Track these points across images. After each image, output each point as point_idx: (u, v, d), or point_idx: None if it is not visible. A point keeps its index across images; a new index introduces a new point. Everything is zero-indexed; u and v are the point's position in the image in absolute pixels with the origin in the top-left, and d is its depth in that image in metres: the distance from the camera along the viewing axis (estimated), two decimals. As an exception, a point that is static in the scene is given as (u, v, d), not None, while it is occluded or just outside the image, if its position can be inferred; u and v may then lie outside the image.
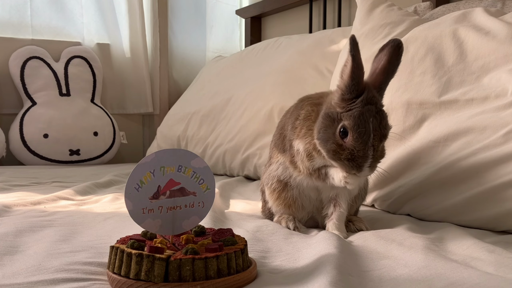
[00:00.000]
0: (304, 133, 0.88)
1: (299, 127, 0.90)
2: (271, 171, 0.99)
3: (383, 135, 0.81)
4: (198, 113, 2.14)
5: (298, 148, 0.89)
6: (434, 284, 0.61)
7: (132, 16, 2.63)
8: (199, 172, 0.68)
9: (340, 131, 0.80)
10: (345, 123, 0.79)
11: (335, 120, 0.81)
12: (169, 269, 0.58)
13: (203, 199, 0.69)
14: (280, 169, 0.96)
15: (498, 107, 1.01)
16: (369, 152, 0.79)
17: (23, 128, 2.31)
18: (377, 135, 0.80)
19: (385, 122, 0.82)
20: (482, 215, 0.94)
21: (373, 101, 0.81)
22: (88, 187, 1.46)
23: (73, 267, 0.67)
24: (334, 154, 0.81)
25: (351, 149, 0.79)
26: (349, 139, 0.79)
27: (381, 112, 0.81)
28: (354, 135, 0.78)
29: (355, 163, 0.79)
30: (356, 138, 0.78)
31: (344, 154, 0.80)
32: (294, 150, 0.91)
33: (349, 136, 0.79)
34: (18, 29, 2.44)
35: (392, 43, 0.83)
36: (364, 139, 0.78)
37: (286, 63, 1.88)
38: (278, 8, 2.52)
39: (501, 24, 1.12)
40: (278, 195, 0.97)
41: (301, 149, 0.88)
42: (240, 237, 0.70)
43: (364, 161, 0.79)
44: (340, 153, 0.80)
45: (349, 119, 0.79)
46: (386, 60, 0.83)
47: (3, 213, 1.06)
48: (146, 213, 0.65)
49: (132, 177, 0.65)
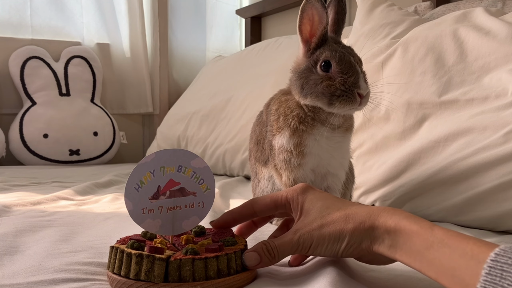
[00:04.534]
0: (283, 119, 0.86)
1: (275, 121, 0.88)
2: (262, 188, 0.97)
3: (359, 58, 0.84)
4: (198, 113, 2.14)
5: (281, 142, 0.86)
6: (434, 283, 0.60)
7: (132, 16, 2.63)
8: (199, 172, 0.68)
9: (322, 66, 0.81)
10: (323, 56, 0.81)
11: (312, 68, 0.82)
12: (169, 269, 0.58)
13: (203, 199, 0.69)
14: (269, 187, 0.95)
15: (498, 107, 1.00)
16: (357, 67, 0.80)
17: (23, 128, 2.31)
18: (356, 56, 0.83)
19: (355, 52, 0.85)
20: (482, 215, 0.94)
21: (337, 40, 0.85)
22: (88, 187, 1.46)
23: (73, 267, 0.67)
24: (328, 88, 0.79)
25: (340, 73, 0.79)
26: (334, 67, 0.80)
27: (348, 46, 0.85)
28: (337, 59, 0.80)
29: (350, 83, 0.79)
30: (340, 60, 0.80)
31: (337, 81, 0.79)
32: (274, 151, 0.89)
33: (333, 64, 0.80)
34: (18, 29, 2.44)
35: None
36: (347, 59, 0.80)
37: (287, 63, 1.87)
38: (278, 8, 2.52)
39: (502, 24, 1.12)
40: None
41: (285, 140, 0.86)
42: (240, 238, 0.70)
43: (357, 76, 0.80)
44: (333, 84, 0.79)
45: (325, 52, 0.81)
46: (334, 12, 0.88)
47: (3, 213, 1.06)
48: (146, 213, 0.65)
49: (132, 177, 0.65)
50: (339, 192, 0.93)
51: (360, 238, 0.55)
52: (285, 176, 0.88)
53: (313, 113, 0.85)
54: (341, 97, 0.79)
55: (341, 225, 0.56)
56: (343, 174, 0.93)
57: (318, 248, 0.58)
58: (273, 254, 0.60)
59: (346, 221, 0.56)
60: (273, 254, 0.60)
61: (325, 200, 0.61)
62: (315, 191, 0.64)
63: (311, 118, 0.85)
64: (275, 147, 0.88)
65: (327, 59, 0.80)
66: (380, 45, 1.36)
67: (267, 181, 0.96)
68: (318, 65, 0.81)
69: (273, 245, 0.60)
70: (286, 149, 0.86)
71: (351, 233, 0.56)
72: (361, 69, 0.82)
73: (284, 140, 0.86)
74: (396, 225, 0.52)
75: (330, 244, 0.57)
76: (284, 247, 0.60)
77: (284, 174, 0.88)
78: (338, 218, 0.57)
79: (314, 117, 0.85)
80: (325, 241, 0.57)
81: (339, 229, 0.57)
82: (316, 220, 0.59)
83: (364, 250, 0.56)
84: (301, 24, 0.83)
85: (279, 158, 0.88)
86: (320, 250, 0.58)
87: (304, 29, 0.83)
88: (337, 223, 0.57)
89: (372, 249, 0.55)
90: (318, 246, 0.58)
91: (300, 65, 0.85)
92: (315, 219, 0.59)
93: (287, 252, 0.60)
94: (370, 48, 1.37)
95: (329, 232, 0.57)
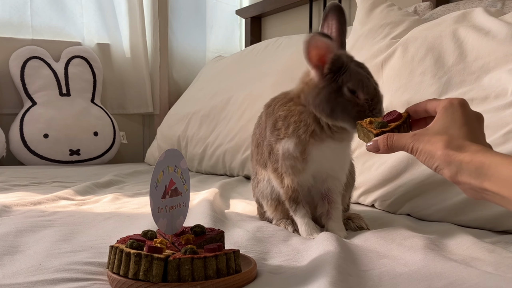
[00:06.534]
0: (293, 128, 0.87)
1: (283, 128, 0.89)
2: (262, 189, 0.99)
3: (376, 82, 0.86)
4: (198, 113, 2.14)
5: (287, 147, 0.88)
6: (434, 283, 0.61)
7: (132, 16, 2.63)
8: (184, 173, 0.70)
9: (349, 92, 0.82)
10: (350, 85, 0.82)
11: (337, 92, 0.83)
12: (168, 269, 0.58)
13: (185, 200, 0.71)
14: (269, 189, 0.97)
15: (498, 107, 1.01)
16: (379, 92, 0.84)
17: (23, 128, 2.31)
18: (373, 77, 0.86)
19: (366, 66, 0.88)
20: (482, 215, 0.94)
21: (349, 57, 0.86)
22: (88, 187, 1.46)
23: (73, 267, 0.67)
24: (359, 114, 0.82)
25: (367, 100, 0.82)
26: (360, 94, 0.82)
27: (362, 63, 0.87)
28: (363, 88, 0.82)
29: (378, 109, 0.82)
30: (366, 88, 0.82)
31: (366, 110, 0.82)
32: (277, 155, 0.90)
33: (359, 92, 0.82)
34: (18, 29, 2.44)
35: (333, 8, 0.88)
36: (371, 85, 0.83)
37: (286, 63, 1.88)
38: (278, 8, 2.52)
39: (501, 24, 1.12)
40: (275, 208, 0.98)
41: (292, 146, 0.87)
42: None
43: (379, 100, 0.83)
44: (362, 110, 0.82)
45: (350, 81, 0.82)
46: (336, 22, 0.88)
47: (3, 213, 1.06)
48: (159, 212, 0.66)
49: (153, 176, 0.65)
50: (340, 194, 0.93)
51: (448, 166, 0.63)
52: (289, 179, 0.90)
53: (330, 131, 0.86)
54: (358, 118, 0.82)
55: (436, 148, 0.65)
56: (344, 177, 0.94)
57: (419, 158, 0.67)
58: (389, 146, 0.71)
59: (440, 147, 0.64)
60: (389, 145, 0.71)
61: (453, 122, 0.67)
62: (462, 110, 0.69)
63: (325, 135, 0.87)
64: (279, 151, 0.89)
65: (353, 88, 0.82)
66: (380, 45, 1.36)
67: (267, 183, 0.97)
68: (345, 90, 0.82)
69: (391, 139, 0.71)
70: (292, 155, 0.88)
71: (440, 159, 0.64)
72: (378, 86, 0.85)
73: (290, 146, 0.87)
74: (481, 159, 0.59)
75: (427, 160, 0.66)
76: (399, 143, 0.70)
77: (289, 178, 0.90)
78: (439, 140, 0.65)
79: (328, 134, 0.87)
80: (424, 155, 0.66)
81: (433, 151, 0.65)
82: (429, 133, 0.67)
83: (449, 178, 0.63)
84: (308, 54, 0.84)
85: (285, 163, 0.89)
86: (420, 159, 0.67)
87: (312, 57, 0.84)
88: (435, 144, 0.65)
89: (457, 179, 0.62)
90: (420, 156, 0.67)
91: (318, 86, 0.85)
92: (431, 132, 0.67)
93: (399, 148, 0.70)
94: (370, 49, 1.37)
95: (426, 150, 0.66)
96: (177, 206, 0.69)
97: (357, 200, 1.22)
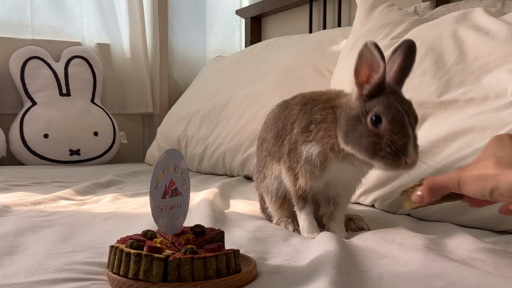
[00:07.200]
0: (322, 134, 0.84)
1: (314, 131, 0.85)
2: (268, 185, 0.97)
3: (416, 117, 0.78)
4: (198, 113, 2.14)
5: (311, 152, 0.85)
6: (434, 283, 0.61)
7: (132, 16, 2.63)
8: (184, 173, 0.70)
9: (372, 120, 0.76)
10: (376, 110, 0.75)
11: (361, 117, 0.77)
12: (168, 269, 0.58)
13: (185, 200, 0.71)
14: (275, 184, 0.95)
15: (498, 107, 1.01)
16: (409, 130, 0.75)
17: (23, 128, 2.31)
18: (411, 116, 0.77)
19: (413, 107, 0.80)
20: (482, 215, 0.94)
21: (396, 91, 0.79)
22: (88, 187, 1.46)
23: (73, 267, 0.67)
24: (373, 146, 0.75)
25: (390, 132, 0.74)
26: (384, 124, 0.75)
27: (406, 100, 0.79)
28: (389, 117, 0.74)
29: (398, 146, 0.74)
30: (392, 119, 0.74)
31: (384, 141, 0.74)
32: (300, 156, 0.87)
33: (384, 121, 0.75)
34: (18, 29, 2.44)
35: (405, 43, 0.82)
36: (400, 118, 0.75)
37: (286, 63, 1.88)
38: (278, 8, 2.52)
39: (501, 24, 1.12)
40: (279, 206, 0.97)
41: (315, 152, 0.84)
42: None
43: (407, 140, 0.74)
44: (379, 142, 0.75)
45: (378, 106, 0.75)
46: (401, 58, 0.82)
47: (3, 213, 1.06)
48: (160, 212, 0.66)
49: (153, 176, 0.65)
50: (347, 200, 0.93)
51: None
52: (303, 181, 0.87)
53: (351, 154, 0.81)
54: (385, 159, 0.75)
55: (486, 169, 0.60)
56: (357, 188, 0.94)
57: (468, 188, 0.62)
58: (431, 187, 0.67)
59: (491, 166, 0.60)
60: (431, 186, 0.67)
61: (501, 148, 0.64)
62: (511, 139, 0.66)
63: (345, 154, 0.82)
64: (303, 153, 0.86)
65: (378, 114, 0.75)
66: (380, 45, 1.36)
67: (274, 179, 0.95)
68: (368, 117, 0.76)
69: (432, 180, 0.67)
70: (313, 162, 0.85)
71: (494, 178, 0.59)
72: (413, 132, 0.77)
73: (314, 152, 0.84)
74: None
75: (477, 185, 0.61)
76: (443, 180, 0.65)
77: (303, 180, 0.87)
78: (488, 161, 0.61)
79: (348, 155, 0.82)
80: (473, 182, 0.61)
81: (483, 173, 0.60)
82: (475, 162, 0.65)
83: None
84: (358, 68, 0.78)
85: (305, 167, 0.86)
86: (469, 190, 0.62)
87: (361, 73, 0.78)
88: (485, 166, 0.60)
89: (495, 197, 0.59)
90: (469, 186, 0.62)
91: (351, 107, 0.81)
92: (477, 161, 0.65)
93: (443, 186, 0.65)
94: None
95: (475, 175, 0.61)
96: (177, 206, 0.69)
97: (357, 200, 1.22)
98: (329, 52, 1.79)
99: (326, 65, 1.77)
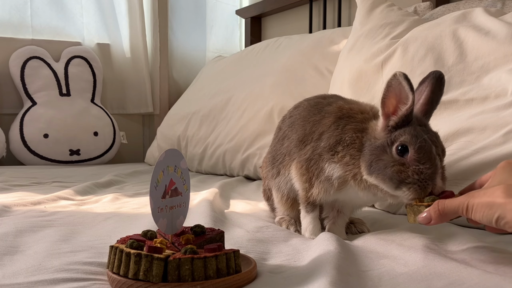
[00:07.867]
0: (347, 160, 0.81)
1: (341, 153, 0.82)
2: (280, 183, 0.94)
3: (443, 149, 0.77)
4: (198, 113, 2.14)
5: (332, 173, 0.82)
6: (434, 283, 0.61)
7: (132, 16, 2.63)
8: (184, 173, 0.70)
9: (398, 149, 0.74)
10: (402, 139, 0.74)
11: (386, 147, 0.75)
12: (168, 269, 0.58)
13: (185, 200, 0.71)
14: (288, 185, 0.93)
15: (498, 107, 1.01)
16: (437, 161, 0.74)
17: (23, 128, 2.31)
18: (439, 147, 0.76)
19: (440, 139, 0.78)
20: (482, 215, 0.94)
21: (423, 123, 0.78)
22: (88, 187, 1.46)
23: (73, 267, 0.67)
24: (398, 174, 0.73)
25: (416, 162, 0.73)
26: (411, 154, 0.73)
27: (433, 131, 0.78)
28: (416, 147, 0.73)
29: (427, 175, 0.72)
30: (419, 148, 0.73)
31: (410, 171, 0.73)
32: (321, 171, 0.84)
33: (410, 150, 0.73)
34: (18, 29, 2.44)
35: (433, 75, 0.81)
36: (427, 148, 0.73)
37: (286, 63, 1.88)
38: (278, 8, 2.52)
39: (501, 24, 1.12)
40: (289, 206, 0.96)
41: (335, 175, 0.82)
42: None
43: (435, 170, 0.73)
44: (405, 171, 0.73)
45: (405, 135, 0.74)
46: (429, 90, 0.81)
47: (3, 213, 1.06)
48: (159, 212, 0.66)
49: (153, 176, 0.65)
50: (350, 213, 0.93)
51: None
52: (316, 192, 0.85)
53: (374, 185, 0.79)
54: (411, 185, 0.73)
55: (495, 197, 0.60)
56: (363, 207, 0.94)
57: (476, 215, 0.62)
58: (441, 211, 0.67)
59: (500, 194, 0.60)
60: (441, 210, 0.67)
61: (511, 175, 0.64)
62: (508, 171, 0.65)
63: (368, 185, 0.80)
64: (325, 170, 0.84)
65: (405, 143, 0.74)
66: (380, 45, 1.36)
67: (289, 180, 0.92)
68: (394, 146, 0.75)
69: (442, 204, 0.67)
70: (332, 182, 0.83)
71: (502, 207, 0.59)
72: (441, 163, 0.75)
73: (335, 174, 0.82)
74: None
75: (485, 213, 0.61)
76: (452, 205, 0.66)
77: (316, 190, 0.85)
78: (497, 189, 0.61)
79: (371, 186, 0.79)
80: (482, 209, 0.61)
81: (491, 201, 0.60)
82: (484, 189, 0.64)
83: None
84: (385, 98, 0.76)
85: (323, 183, 0.84)
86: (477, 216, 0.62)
87: (388, 103, 0.77)
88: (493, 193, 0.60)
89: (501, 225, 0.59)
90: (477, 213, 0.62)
91: (376, 137, 0.79)
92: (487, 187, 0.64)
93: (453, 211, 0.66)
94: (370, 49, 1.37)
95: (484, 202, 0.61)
96: (177, 206, 0.69)
97: (357, 200, 1.22)
98: (329, 52, 1.79)
99: (326, 65, 1.77)
